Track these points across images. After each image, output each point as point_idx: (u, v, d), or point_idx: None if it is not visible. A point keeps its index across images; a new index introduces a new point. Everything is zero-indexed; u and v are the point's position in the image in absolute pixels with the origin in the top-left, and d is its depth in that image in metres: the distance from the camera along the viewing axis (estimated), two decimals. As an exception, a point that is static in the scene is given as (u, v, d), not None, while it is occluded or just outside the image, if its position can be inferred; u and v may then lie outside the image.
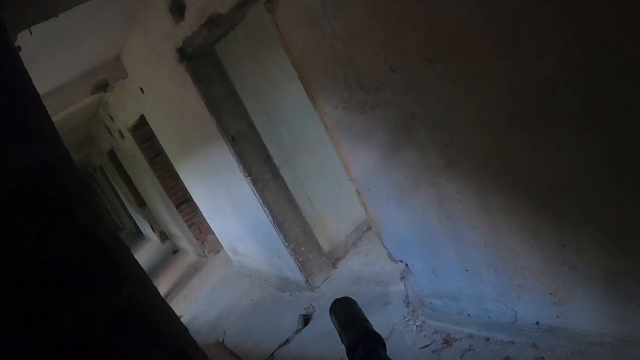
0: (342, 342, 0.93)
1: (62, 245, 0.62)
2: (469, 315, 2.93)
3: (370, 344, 0.88)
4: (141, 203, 10.92)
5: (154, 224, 11.51)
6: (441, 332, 3.13)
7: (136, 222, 14.81)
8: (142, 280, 0.71)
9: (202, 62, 4.23)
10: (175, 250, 10.37)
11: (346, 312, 0.97)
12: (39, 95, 0.85)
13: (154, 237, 12.65)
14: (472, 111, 2.10)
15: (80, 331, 0.61)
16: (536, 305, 2.46)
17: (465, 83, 2.04)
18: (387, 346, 0.90)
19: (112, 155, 9.91)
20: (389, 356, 0.89)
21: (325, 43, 2.57)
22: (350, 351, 0.88)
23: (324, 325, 4.18)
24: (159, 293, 0.70)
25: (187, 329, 0.72)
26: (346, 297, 1.03)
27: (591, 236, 1.99)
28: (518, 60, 1.80)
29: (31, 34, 3.15)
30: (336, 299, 1.03)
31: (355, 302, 1.01)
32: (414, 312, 3.45)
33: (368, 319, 0.96)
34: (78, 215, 0.65)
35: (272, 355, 4.13)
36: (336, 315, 0.99)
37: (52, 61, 4.39)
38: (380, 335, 0.91)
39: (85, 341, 0.62)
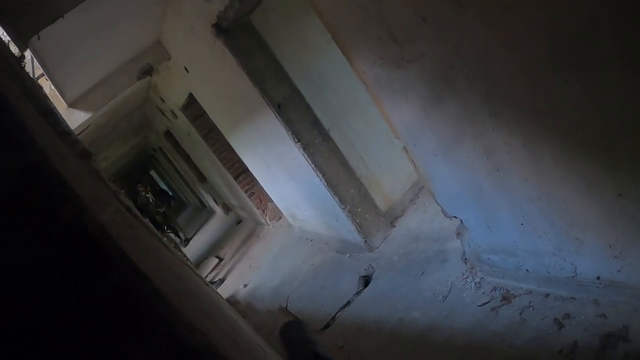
0: None
1: (48, 244, 0.64)
2: (527, 270, 2.82)
3: None
4: (202, 178, 11.20)
5: (217, 197, 11.81)
6: (500, 289, 3.04)
7: (200, 197, 15.25)
8: (132, 269, 0.71)
9: (239, 34, 4.19)
10: (239, 221, 10.62)
11: (294, 337, 0.94)
12: (10, 104, 0.86)
13: (217, 209, 13.01)
14: (511, 56, 1.96)
15: (75, 323, 0.62)
16: (596, 259, 2.32)
17: (501, 26, 1.90)
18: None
19: (169, 135, 10.16)
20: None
21: (353, 1, 2.47)
22: None
23: (384, 285, 4.17)
24: (151, 280, 0.69)
25: (178, 312, 0.71)
26: (295, 320, 0.98)
27: (650, 183, 1.84)
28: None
29: (39, 39, 3.22)
30: (285, 323, 0.97)
31: (305, 325, 0.96)
32: (472, 268, 3.37)
33: (317, 342, 0.92)
34: (61, 212, 0.67)
35: (333, 317, 4.17)
36: (284, 341, 0.94)
37: (93, 53, 4.51)
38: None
39: (81, 333, 0.62)
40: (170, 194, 12.91)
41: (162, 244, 2.04)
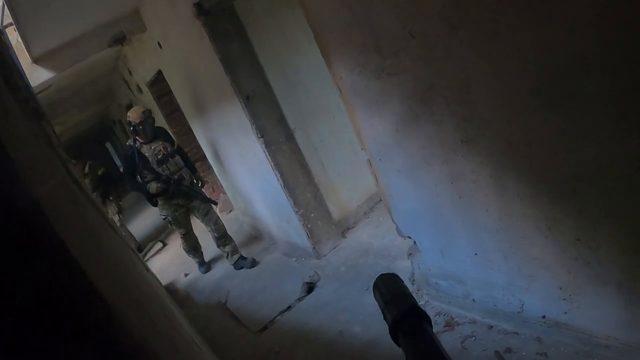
0: (384, 318, 0.84)
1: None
2: (474, 300, 2.82)
3: (418, 320, 0.79)
4: (156, 158, 10.88)
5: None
6: (444, 315, 3.03)
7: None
8: (64, 257, 0.60)
9: (220, 18, 4.07)
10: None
11: (391, 288, 0.89)
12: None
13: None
14: (494, 86, 1.94)
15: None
16: (545, 298, 2.34)
17: (488, 54, 1.87)
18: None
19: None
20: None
21: (343, 3, 2.40)
22: (394, 326, 0.80)
23: (328, 295, 4.11)
24: (84, 272, 0.58)
25: (113, 313, 0.61)
26: (391, 273, 0.94)
27: (609, 233, 1.85)
28: (547, 33, 1.63)
29: None
30: (380, 275, 0.94)
31: (400, 280, 0.92)
32: (418, 290, 3.35)
33: (415, 297, 0.87)
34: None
35: (272, 321, 4.08)
36: (380, 291, 0.90)
37: (67, 11, 4.26)
38: (427, 314, 0.81)
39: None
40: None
41: (107, 223, 1.91)
